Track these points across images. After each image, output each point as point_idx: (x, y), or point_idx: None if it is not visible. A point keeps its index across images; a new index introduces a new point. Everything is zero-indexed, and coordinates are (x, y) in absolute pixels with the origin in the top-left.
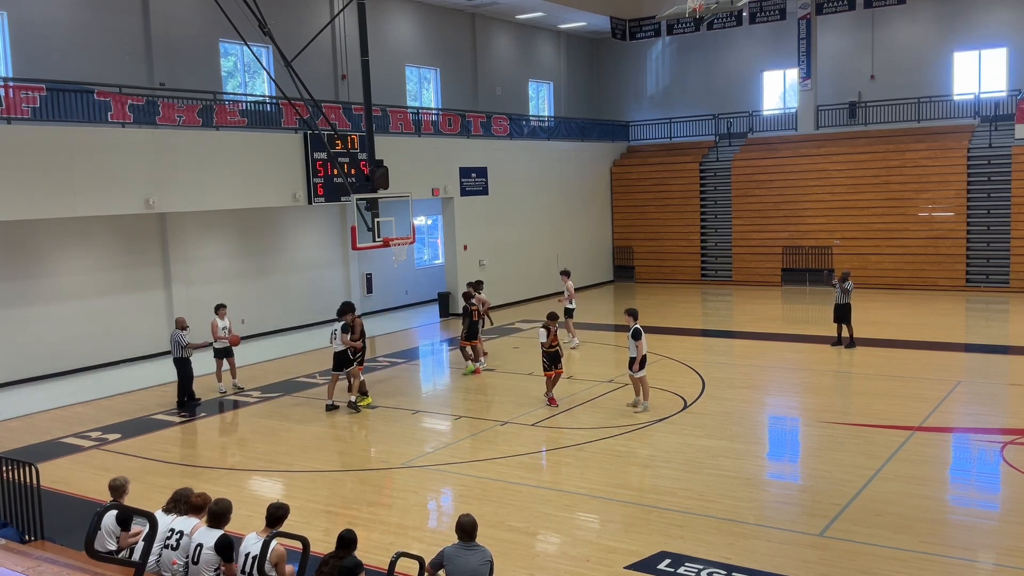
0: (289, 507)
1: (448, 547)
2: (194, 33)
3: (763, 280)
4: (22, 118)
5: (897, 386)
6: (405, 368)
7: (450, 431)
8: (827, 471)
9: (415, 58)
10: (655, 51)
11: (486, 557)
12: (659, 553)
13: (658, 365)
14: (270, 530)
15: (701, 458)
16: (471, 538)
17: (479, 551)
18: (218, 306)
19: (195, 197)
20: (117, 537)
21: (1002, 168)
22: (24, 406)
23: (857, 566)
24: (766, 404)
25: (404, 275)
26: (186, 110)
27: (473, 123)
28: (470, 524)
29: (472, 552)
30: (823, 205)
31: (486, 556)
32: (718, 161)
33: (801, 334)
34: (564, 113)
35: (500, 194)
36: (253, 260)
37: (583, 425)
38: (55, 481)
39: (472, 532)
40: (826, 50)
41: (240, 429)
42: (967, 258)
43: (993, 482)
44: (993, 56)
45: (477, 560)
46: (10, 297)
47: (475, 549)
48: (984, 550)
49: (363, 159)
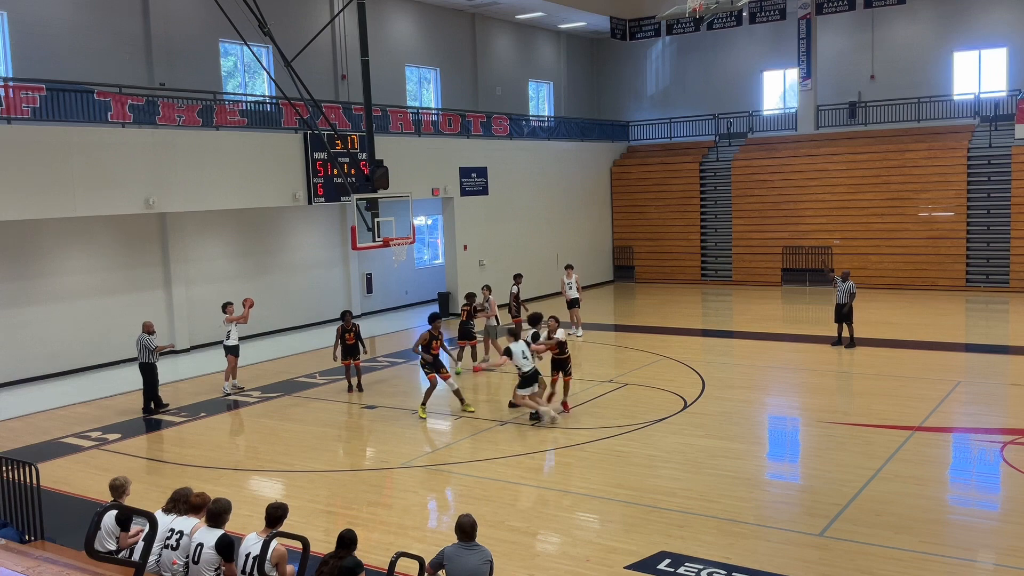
0: (288, 507)
1: (448, 547)
2: (194, 33)
3: (763, 280)
4: (22, 118)
5: (897, 386)
6: (405, 368)
7: (450, 431)
8: (827, 471)
9: (415, 58)
10: (655, 51)
11: (486, 557)
12: (659, 553)
13: (658, 365)
14: (270, 530)
15: (701, 458)
16: (471, 538)
17: (479, 551)
18: (225, 304)
19: (195, 197)
20: (117, 537)
21: (1002, 168)
22: (24, 406)
23: (857, 566)
24: (766, 404)
25: (404, 275)
26: (186, 110)
27: (473, 123)
28: (469, 524)
29: (472, 552)
30: (823, 205)
31: (486, 556)
32: (718, 161)
33: (801, 334)
34: (564, 113)
35: (500, 194)
36: (253, 260)
37: (583, 425)
38: (55, 481)
39: (472, 532)
40: (826, 50)
41: (240, 429)
42: (967, 258)
43: (993, 482)
44: (993, 56)
45: (477, 560)
46: (10, 297)
47: (475, 549)
48: (984, 550)
49: (363, 159)
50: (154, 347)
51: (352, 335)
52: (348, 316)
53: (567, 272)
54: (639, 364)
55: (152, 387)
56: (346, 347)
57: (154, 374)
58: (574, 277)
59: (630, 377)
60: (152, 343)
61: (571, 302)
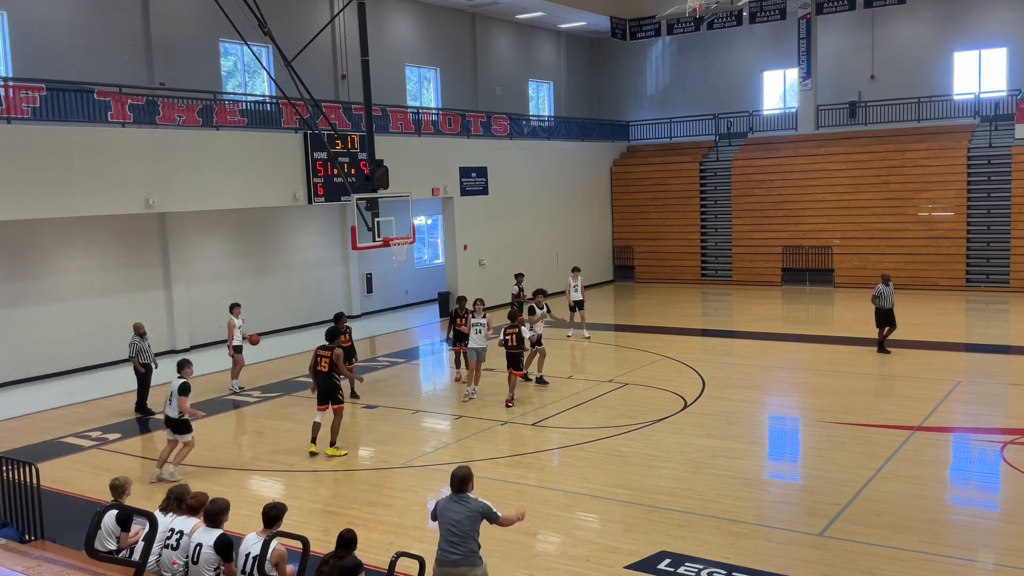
0: (285, 506)
1: (441, 499)
2: (194, 33)
3: (763, 280)
4: (22, 118)
5: (897, 386)
6: (405, 368)
7: (450, 431)
8: (827, 471)
9: (415, 58)
10: (655, 51)
11: (475, 509)
12: (659, 553)
13: (658, 365)
14: (269, 530)
15: (701, 458)
16: (460, 490)
17: (468, 503)
18: (232, 305)
19: (195, 197)
20: (117, 537)
21: (1002, 168)
22: (24, 406)
23: (857, 566)
24: (766, 404)
25: (404, 275)
26: (186, 110)
27: (473, 123)
28: (459, 476)
29: (461, 503)
30: (823, 205)
31: (475, 508)
32: (718, 161)
33: (801, 334)
34: (564, 113)
35: (500, 194)
36: (253, 260)
37: (583, 425)
38: (55, 481)
39: (462, 484)
40: (826, 50)
41: (240, 429)
42: (967, 258)
43: (993, 482)
44: (993, 56)
45: (464, 511)
46: (10, 297)
47: (465, 501)
48: (984, 550)
49: (363, 159)
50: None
51: (347, 338)
52: (343, 319)
53: (573, 275)
54: (639, 364)
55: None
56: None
57: (143, 379)
58: (580, 280)
59: (630, 377)
60: (135, 348)
61: (576, 304)
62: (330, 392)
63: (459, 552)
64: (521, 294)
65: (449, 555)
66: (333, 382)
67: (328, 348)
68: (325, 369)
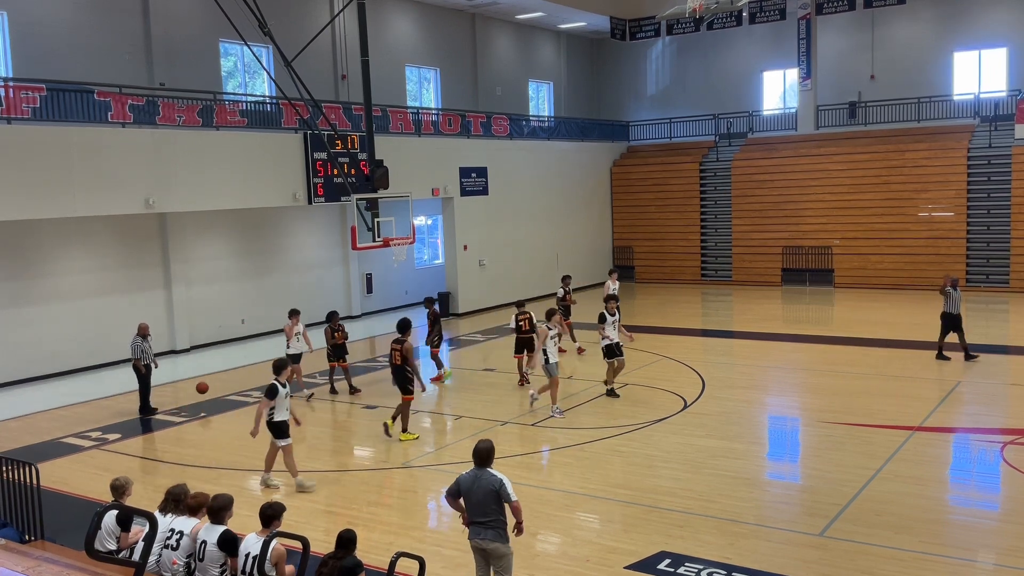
0: (283, 505)
1: (463, 474)
2: (194, 33)
3: (763, 280)
4: (22, 118)
5: (897, 386)
6: None
7: (450, 431)
8: (827, 471)
9: (415, 58)
10: (655, 51)
11: (492, 484)
12: (659, 553)
13: (658, 365)
14: (269, 530)
15: (701, 458)
16: (482, 465)
17: (486, 477)
18: (292, 311)
19: (195, 197)
20: (117, 537)
21: (1002, 168)
22: (24, 406)
23: (857, 566)
24: (766, 404)
25: (404, 275)
26: (186, 110)
27: (473, 123)
28: (482, 450)
29: (480, 478)
30: (823, 205)
31: (492, 483)
32: (718, 161)
33: (801, 334)
34: (564, 113)
35: (500, 194)
36: (253, 260)
37: (583, 425)
38: (55, 481)
39: (483, 458)
40: (826, 50)
41: (240, 429)
42: (967, 258)
43: (993, 482)
44: (993, 56)
45: (485, 486)
46: (10, 297)
47: (482, 476)
48: (984, 550)
49: (363, 159)
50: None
51: (341, 335)
52: (336, 317)
53: (611, 277)
54: (639, 364)
55: (146, 390)
56: (334, 347)
57: (144, 378)
58: (617, 283)
59: (630, 377)
60: (138, 349)
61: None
62: (401, 383)
63: (490, 528)
64: (567, 297)
65: (480, 531)
66: (406, 373)
67: (400, 341)
68: (398, 362)
